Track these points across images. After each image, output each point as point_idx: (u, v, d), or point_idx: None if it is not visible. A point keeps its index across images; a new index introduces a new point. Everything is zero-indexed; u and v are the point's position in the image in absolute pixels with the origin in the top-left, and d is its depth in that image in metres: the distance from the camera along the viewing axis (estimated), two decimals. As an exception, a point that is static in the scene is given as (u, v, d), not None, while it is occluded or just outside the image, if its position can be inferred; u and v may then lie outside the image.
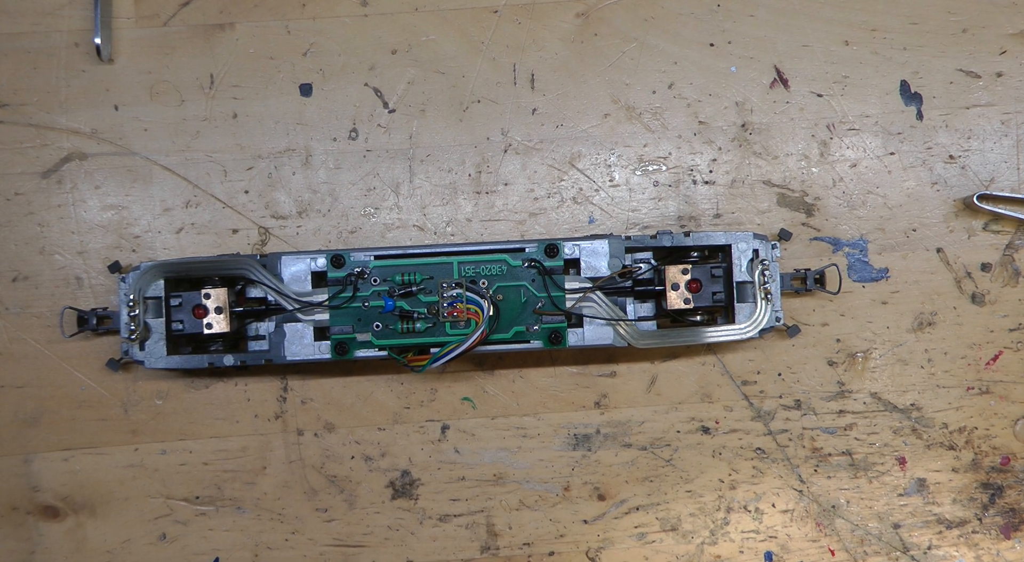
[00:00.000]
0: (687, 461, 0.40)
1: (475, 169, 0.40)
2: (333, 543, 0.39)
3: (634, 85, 0.40)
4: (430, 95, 0.40)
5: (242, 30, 0.40)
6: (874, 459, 0.40)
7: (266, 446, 0.39)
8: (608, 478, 0.40)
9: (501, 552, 0.40)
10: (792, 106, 0.40)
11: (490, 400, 0.40)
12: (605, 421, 0.40)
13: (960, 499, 0.40)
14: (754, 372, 0.40)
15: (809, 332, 0.40)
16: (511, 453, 0.40)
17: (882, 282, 0.40)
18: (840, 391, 0.40)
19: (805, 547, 0.40)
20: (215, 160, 0.40)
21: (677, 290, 0.36)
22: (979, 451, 0.40)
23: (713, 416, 0.40)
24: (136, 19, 0.40)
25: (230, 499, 0.39)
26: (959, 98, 0.40)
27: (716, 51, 0.40)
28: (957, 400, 0.40)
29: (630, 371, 0.40)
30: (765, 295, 0.37)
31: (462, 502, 0.40)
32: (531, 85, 0.40)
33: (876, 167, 0.40)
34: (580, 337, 0.36)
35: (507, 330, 0.36)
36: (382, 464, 0.39)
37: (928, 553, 0.40)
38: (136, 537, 0.39)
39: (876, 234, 0.40)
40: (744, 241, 0.37)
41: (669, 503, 0.40)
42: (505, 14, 0.40)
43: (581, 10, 0.40)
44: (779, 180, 0.40)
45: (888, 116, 0.40)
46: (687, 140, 0.40)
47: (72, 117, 0.39)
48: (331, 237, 0.40)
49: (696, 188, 0.40)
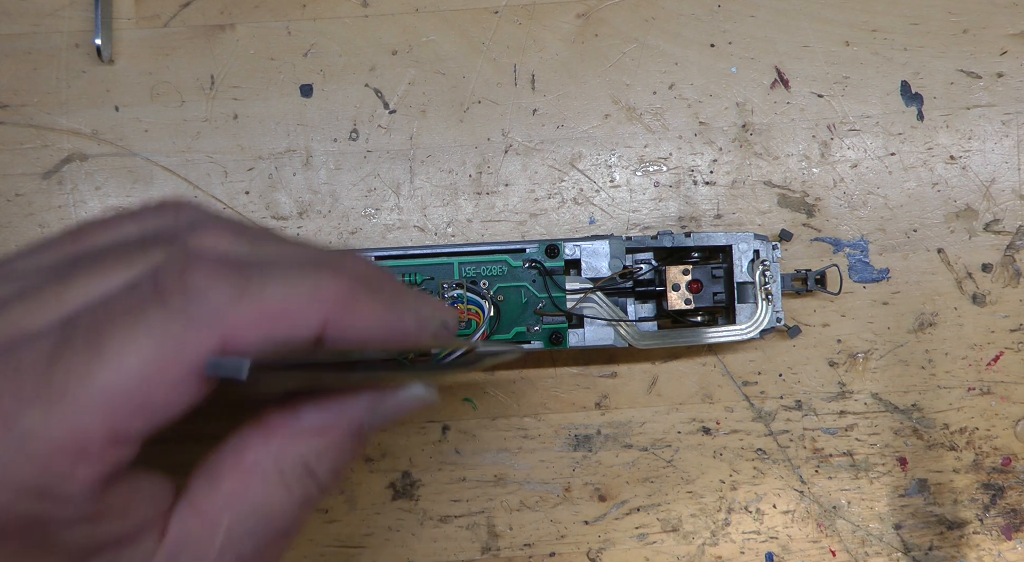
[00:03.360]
0: (688, 462, 0.40)
1: (476, 170, 0.40)
2: (334, 544, 0.39)
3: (635, 86, 0.40)
4: (431, 96, 0.40)
5: (243, 31, 0.40)
6: (875, 460, 0.40)
7: (267, 447, 0.39)
8: (609, 479, 0.40)
9: (502, 553, 0.39)
10: (793, 107, 0.40)
11: (491, 401, 0.40)
12: (606, 422, 0.40)
13: (961, 500, 0.40)
14: (755, 373, 0.40)
15: (810, 333, 0.40)
16: (512, 454, 0.40)
17: (883, 283, 0.40)
18: (841, 392, 0.40)
19: (806, 548, 0.40)
20: (216, 161, 0.40)
21: (678, 291, 0.36)
22: (980, 452, 0.40)
23: (714, 417, 0.40)
24: (136, 20, 0.40)
25: (231, 500, 0.39)
26: (960, 99, 0.40)
27: (717, 52, 0.40)
28: (958, 401, 0.40)
29: (631, 372, 0.40)
30: (766, 296, 0.37)
31: (463, 503, 0.40)
32: (532, 86, 0.40)
33: (877, 168, 0.40)
34: (581, 338, 0.36)
35: (508, 331, 0.36)
36: (383, 465, 0.39)
37: (929, 554, 0.40)
38: (136, 538, 0.39)
39: (877, 234, 0.40)
40: (745, 242, 0.37)
41: (670, 504, 0.40)
42: (505, 15, 0.40)
43: (581, 11, 0.40)
44: (780, 181, 0.40)
45: (889, 117, 0.40)
46: (688, 141, 0.40)
47: (72, 118, 0.39)
48: (332, 238, 0.40)
49: (697, 189, 0.40)
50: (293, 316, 0.20)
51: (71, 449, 0.18)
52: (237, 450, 0.22)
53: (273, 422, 0.22)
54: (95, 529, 0.20)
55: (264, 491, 0.22)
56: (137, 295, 0.19)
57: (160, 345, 0.19)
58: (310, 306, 0.21)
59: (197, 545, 0.21)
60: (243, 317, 0.19)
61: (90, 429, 0.18)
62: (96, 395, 0.18)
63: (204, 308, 0.19)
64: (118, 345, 0.18)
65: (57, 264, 0.22)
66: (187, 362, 0.19)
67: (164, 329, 0.19)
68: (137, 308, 0.19)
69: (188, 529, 0.21)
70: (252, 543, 0.22)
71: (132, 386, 0.18)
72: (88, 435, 0.18)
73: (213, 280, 0.19)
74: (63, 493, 0.18)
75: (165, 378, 0.19)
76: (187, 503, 0.21)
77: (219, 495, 0.21)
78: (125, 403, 0.18)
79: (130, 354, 0.18)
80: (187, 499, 0.21)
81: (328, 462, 0.23)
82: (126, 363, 0.18)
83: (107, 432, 0.18)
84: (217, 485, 0.22)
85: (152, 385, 0.18)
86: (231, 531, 0.21)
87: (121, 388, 0.18)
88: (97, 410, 0.18)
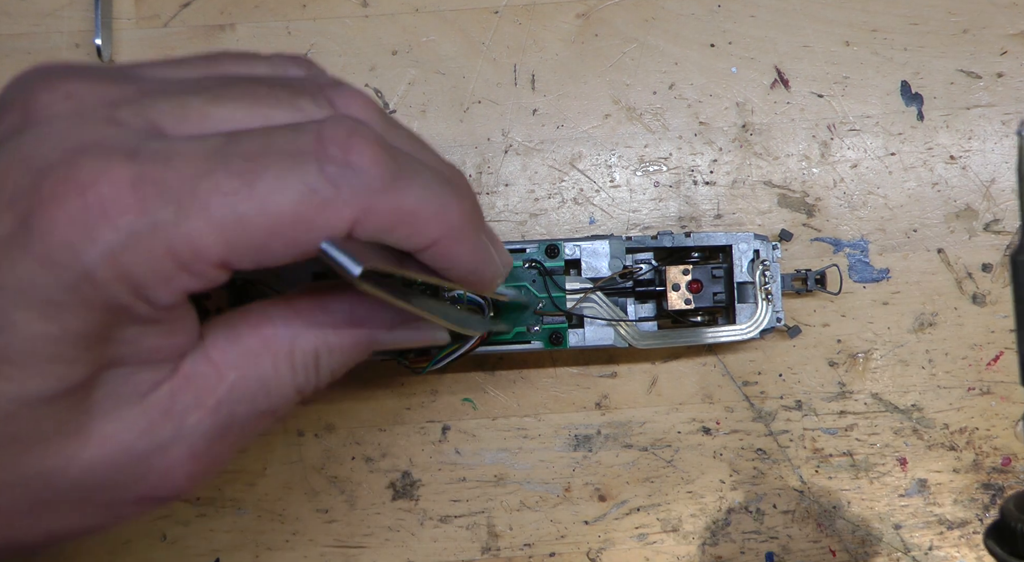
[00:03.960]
0: (688, 462, 0.40)
1: (476, 170, 0.40)
2: (334, 544, 0.39)
3: (635, 86, 0.40)
4: (431, 96, 0.40)
5: (243, 31, 0.40)
6: (875, 460, 0.40)
7: (266, 447, 0.39)
8: (609, 479, 0.40)
9: (502, 553, 0.39)
10: (793, 107, 0.40)
11: (491, 401, 0.40)
12: (606, 422, 0.40)
13: (961, 500, 0.40)
14: (755, 373, 0.40)
15: (810, 333, 0.40)
16: (512, 454, 0.40)
17: (883, 283, 0.40)
18: (841, 392, 0.40)
19: (806, 548, 0.40)
20: (216, 161, 0.40)
21: (678, 291, 0.36)
22: (980, 452, 0.40)
23: (714, 417, 0.40)
24: (136, 20, 0.40)
25: (231, 500, 0.39)
26: (960, 99, 0.40)
27: (717, 52, 0.40)
28: (958, 401, 0.40)
29: (631, 372, 0.40)
30: (766, 296, 0.37)
31: (463, 503, 0.40)
32: (532, 86, 0.40)
33: (877, 167, 0.40)
34: (581, 338, 0.36)
35: (508, 331, 0.36)
36: (383, 465, 0.39)
37: (929, 554, 0.40)
38: (137, 538, 0.39)
39: (877, 235, 0.40)
40: (745, 242, 0.37)
41: (670, 504, 0.40)
42: (505, 15, 0.40)
43: (582, 11, 0.40)
44: (780, 181, 0.40)
45: (889, 117, 0.40)
46: (688, 141, 0.40)
47: (73, 118, 0.39)
48: (332, 238, 0.40)
49: (697, 189, 0.40)
50: (418, 225, 0.21)
51: (183, 258, 0.19)
52: (260, 318, 0.23)
53: (300, 306, 0.23)
54: (141, 340, 0.20)
55: (272, 365, 0.23)
56: (299, 143, 0.20)
57: (304, 202, 0.19)
58: (433, 221, 0.21)
59: (201, 390, 0.22)
60: (381, 207, 0.20)
61: (209, 247, 0.19)
62: (230, 219, 0.19)
63: (355, 185, 0.20)
64: (270, 183, 0.19)
65: (203, 80, 0.22)
66: (318, 227, 0.19)
67: (314, 188, 0.19)
68: (297, 156, 0.19)
69: (198, 372, 0.22)
70: (244, 409, 0.23)
71: (264, 225, 0.19)
72: (204, 251, 0.19)
73: (372, 162, 0.20)
74: (154, 295, 0.19)
75: (293, 232, 0.19)
76: (203, 349, 0.22)
77: (234, 352, 0.22)
78: (249, 237, 0.19)
79: (277, 196, 0.19)
80: (203, 346, 0.22)
81: (334, 361, 0.24)
82: (270, 203, 0.19)
83: (220, 256, 0.19)
84: (235, 343, 0.22)
85: (280, 232, 0.19)
86: (233, 388, 0.22)
87: (254, 222, 0.19)
88: (225, 232, 0.19)
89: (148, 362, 0.21)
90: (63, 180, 0.18)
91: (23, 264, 0.18)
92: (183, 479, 0.22)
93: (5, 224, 0.18)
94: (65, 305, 0.18)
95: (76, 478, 0.21)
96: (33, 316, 0.18)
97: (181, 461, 0.22)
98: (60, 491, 0.21)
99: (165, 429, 0.21)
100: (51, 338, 0.18)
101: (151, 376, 0.21)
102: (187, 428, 0.22)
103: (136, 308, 0.19)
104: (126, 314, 0.19)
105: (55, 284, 0.18)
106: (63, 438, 0.20)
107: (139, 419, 0.21)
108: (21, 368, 0.18)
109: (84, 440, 0.20)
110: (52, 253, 0.18)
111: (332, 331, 0.23)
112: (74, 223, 0.18)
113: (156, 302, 0.19)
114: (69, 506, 0.22)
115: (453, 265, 0.23)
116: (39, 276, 0.18)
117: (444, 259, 0.22)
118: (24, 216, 0.18)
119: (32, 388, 0.19)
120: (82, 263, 0.18)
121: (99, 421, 0.21)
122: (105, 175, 0.18)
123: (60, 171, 0.18)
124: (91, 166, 0.18)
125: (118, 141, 0.19)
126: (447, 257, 0.22)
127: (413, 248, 0.22)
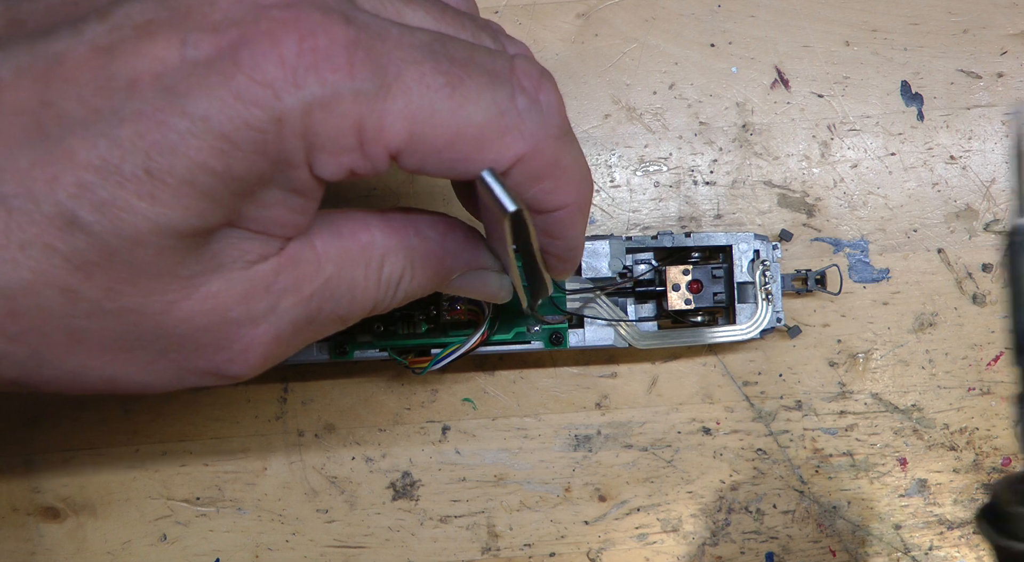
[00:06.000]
0: (688, 462, 0.40)
1: (476, 170, 0.40)
2: (334, 544, 0.39)
3: (635, 86, 0.40)
4: (431, 96, 0.40)
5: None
6: (875, 460, 0.40)
7: (266, 447, 0.39)
8: (609, 479, 0.40)
9: (502, 553, 0.39)
10: (793, 107, 0.40)
11: (491, 401, 0.40)
12: (606, 422, 0.40)
13: (961, 500, 0.40)
14: (755, 373, 0.40)
15: (810, 333, 0.40)
16: (512, 454, 0.40)
17: (883, 283, 0.40)
18: (841, 392, 0.40)
19: (806, 548, 0.40)
20: (215, 161, 0.40)
21: (678, 291, 0.36)
22: (980, 452, 0.40)
23: (714, 417, 0.40)
24: None
25: (231, 500, 0.39)
26: (960, 99, 0.40)
27: (717, 52, 0.40)
28: (958, 401, 0.40)
29: (631, 372, 0.40)
30: (766, 296, 0.37)
31: (463, 503, 0.40)
32: (532, 86, 0.40)
33: (877, 168, 0.40)
34: (581, 338, 0.36)
35: (508, 331, 0.36)
36: (383, 465, 0.39)
37: (929, 554, 0.40)
38: (137, 538, 0.39)
39: (877, 235, 0.40)
40: (745, 242, 0.37)
41: (670, 504, 0.40)
42: (505, 15, 0.40)
43: (581, 11, 0.40)
44: (780, 181, 0.40)
45: (889, 117, 0.40)
46: (688, 141, 0.40)
47: (72, 118, 0.39)
48: (332, 238, 0.40)
49: (697, 189, 0.40)
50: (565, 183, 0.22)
51: (366, 134, 0.19)
52: (361, 224, 0.23)
53: (396, 224, 0.23)
54: (273, 207, 0.20)
55: (364, 272, 0.23)
56: (498, 66, 0.21)
57: (491, 121, 0.20)
58: (575, 185, 0.22)
59: (300, 275, 0.22)
60: (546, 152, 0.21)
61: (395, 132, 0.19)
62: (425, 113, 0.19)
63: (536, 121, 0.21)
64: (470, 92, 0.20)
65: None
66: (491, 149, 0.20)
67: (503, 111, 0.20)
68: (496, 77, 0.20)
69: (303, 258, 0.22)
70: (329, 307, 0.23)
71: (450, 129, 0.20)
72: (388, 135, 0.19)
73: (558, 106, 0.21)
74: (320, 163, 0.20)
75: (467, 146, 0.20)
76: (309, 238, 0.22)
77: (335, 248, 0.22)
78: (432, 137, 0.19)
79: (471, 106, 0.20)
80: (309, 235, 0.22)
81: (413, 285, 0.24)
82: (463, 111, 0.19)
83: (400, 145, 0.20)
84: (337, 239, 0.22)
85: (457, 144, 0.20)
86: (328, 283, 0.22)
87: (443, 124, 0.19)
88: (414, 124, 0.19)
89: (264, 233, 0.21)
90: (284, 21, 0.18)
91: (216, 92, 0.17)
92: (258, 358, 0.22)
93: (203, 49, 0.18)
94: (240, 144, 0.18)
95: (167, 327, 0.20)
96: (205, 146, 0.18)
97: (264, 340, 0.22)
98: (145, 336, 0.20)
99: (261, 303, 0.21)
100: (213, 173, 0.18)
101: (261, 247, 0.21)
102: (280, 309, 0.22)
103: (296, 171, 0.19)
104: (283, 174, 0.19)
105: (240, 121, 0.18)
106: (173, 281, 0.19)
107: (243, 285, 0.21)
108: (172, 194, 0.18)
109: (190, 291, 0.20)
110: (251, 90, 0.18)
111: (420, 256, 0.24)
112: (284, 66, 0.18)
113: (319, 171, 0.20)
114: (145, 355, 0.21)
115: (566, 236, 0.23)
116: (228, 109, 0.18)
117: (562, 227, 0.23)
118: (232, 45, 0.18)
119: (173, 218, 0.18)
120: (277, 108, 0.18)
121: (207, 276, 0.20)
122: (325, 29, 0.18)
123: (283, 12, 0.18)
124: (314, 16, 0.18)
125: (335, 2, 0.19)
126: (565, 226, 0.23)
127: (547, 206, 0.22)
